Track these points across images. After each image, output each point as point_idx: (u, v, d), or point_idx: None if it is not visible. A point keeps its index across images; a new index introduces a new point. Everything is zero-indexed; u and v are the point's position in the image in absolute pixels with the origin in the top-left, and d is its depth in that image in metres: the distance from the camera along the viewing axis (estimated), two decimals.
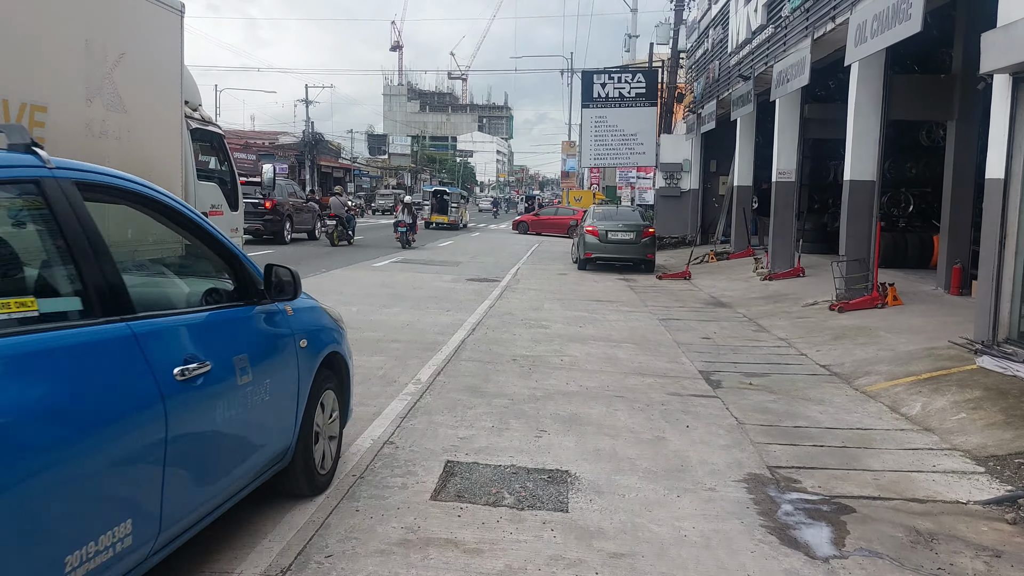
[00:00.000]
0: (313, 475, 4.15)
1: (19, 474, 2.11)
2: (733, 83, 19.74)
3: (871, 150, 11.96)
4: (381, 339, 9.00)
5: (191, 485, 2.98)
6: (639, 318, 11.62)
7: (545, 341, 9.33)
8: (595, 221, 19.16)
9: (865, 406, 6.76)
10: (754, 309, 12.69)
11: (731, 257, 20.32)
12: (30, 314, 2.39)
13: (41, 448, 2.20)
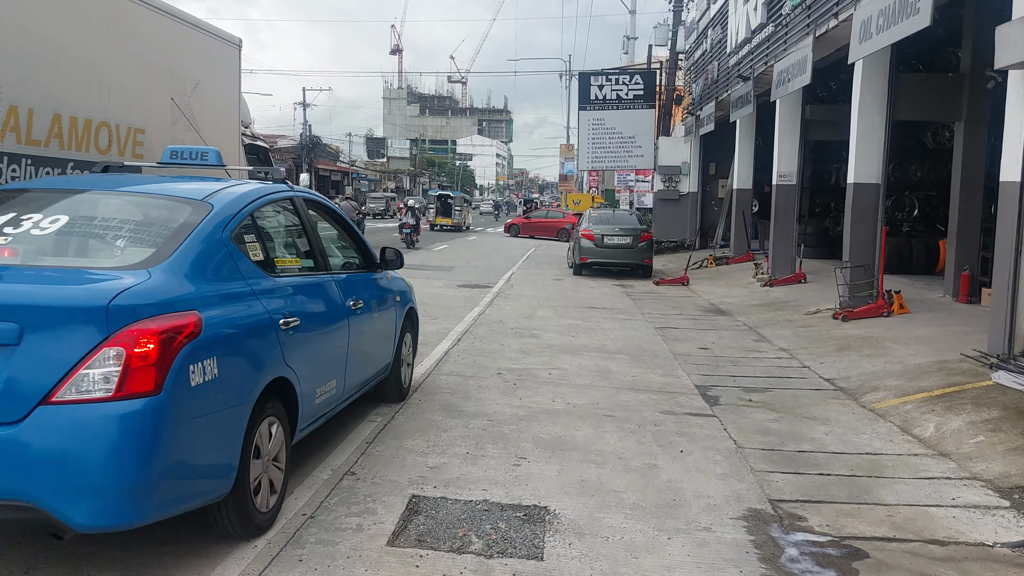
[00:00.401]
0: (401, 387, 6.42)
1: (303, 344, 4.22)
2: (732, 84, 19.27)
3: (876, 152, 11.48)
4: None
5: (356, 369, 5.19)
6: (635, 327, 11.13)
7: (535, 352, 8.84)
8: (591, 225, 18.67)
9: (874, 426, 6.27)
10: (754, 317, 12.20)
11: (730, 262, 19.84)
12: (296, 267, 4.69)
13: (306, 332, 4.25)
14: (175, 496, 3.24)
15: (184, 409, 3.18)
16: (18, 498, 2.93)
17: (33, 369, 2.98)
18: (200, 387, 3.25)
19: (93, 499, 2.97)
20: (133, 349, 3.02)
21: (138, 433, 3.01)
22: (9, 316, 3.00)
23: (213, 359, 3.34)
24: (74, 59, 6.79)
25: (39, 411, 2.95)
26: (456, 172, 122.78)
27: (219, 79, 9.29)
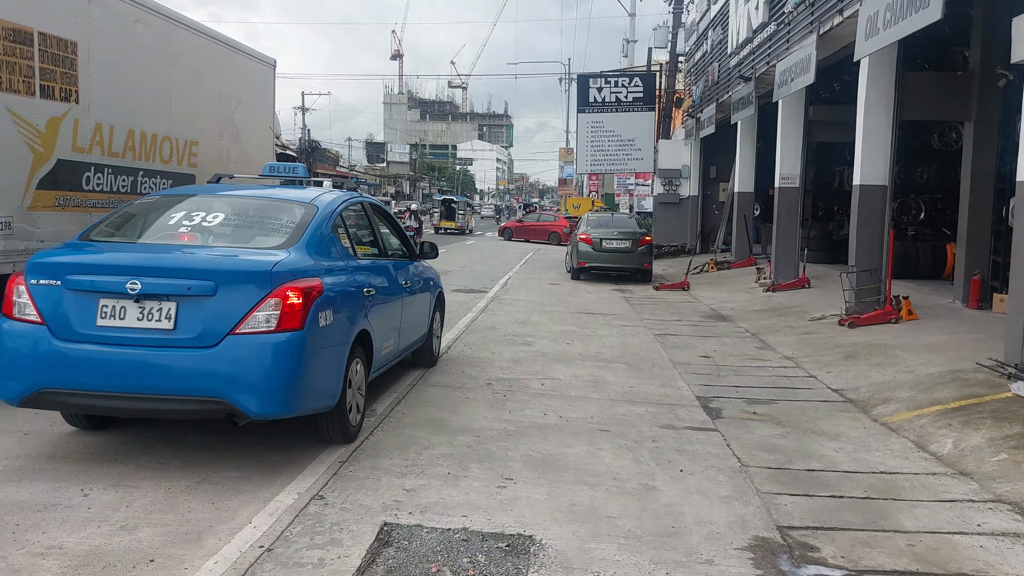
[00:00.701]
0: (432, 355, 7.90)
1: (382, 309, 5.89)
2: (733, 85, 18.89)
3: (882, 152, 11.09)
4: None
5: (405, 334, 6.69)
6: (633, 333, 10.73)
7: (527, 361, 8.44)
8: (589, 229, 18.28)
9: (887, 442, 5.87)
10: (757, 323, 11.79)
11: (732, 266, 19.44)
12: (369, 254, 6.15)
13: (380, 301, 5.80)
14: (307, 400, 4.75)
15: (315, 342, 4.70)
16: (214, 396, 4.44)
17: (223, 311, 4.47)
18: (323, 328, 4.78)
19: (260, 396, 4.48)
20: (286, 300, 4.55)
21: (288, 355, 4.53)
22: (208, 277, 4.52)
23: (329, 311, 4.87)
24: (145, 83, 8.22)
25: (227, 339, 4.45)
26: (456, 177, 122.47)
27: (258, 96, 10.82)
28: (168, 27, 8.64)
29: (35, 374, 4.55)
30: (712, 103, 21.41)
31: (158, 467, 4.75)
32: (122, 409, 4.67)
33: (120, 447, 5.09)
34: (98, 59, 7.38)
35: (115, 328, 4.50)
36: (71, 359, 4.49)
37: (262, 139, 10.85)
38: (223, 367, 4.44)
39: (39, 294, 4.59)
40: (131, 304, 4.50)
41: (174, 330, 4.48)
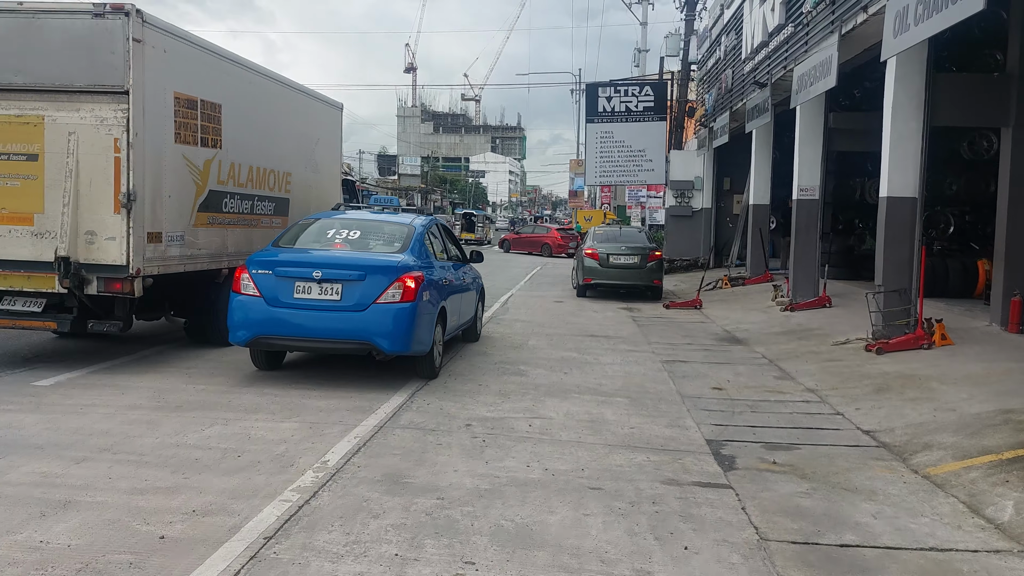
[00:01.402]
0: (477, 334, 10.70)
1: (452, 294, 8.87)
2: (748, 92, 17.98)
3: (912, 161, 10.15)
4: (307, 393, 7.24)
5: (462, 315, 9.55)
6: (639, 360, 9.80)
7: (517, 394, 7.53)
8: (595, 243, 17.37)
9: (934, 503, 4.91)
10: (775, 348, 10.84)
11: (747, 283, 18.46)
12: (443, 256, 9.31)
13: (450, 293, 8.77)
14: (416, 345, 7.52)
15: (421, 310, 7.47)
16: (364, 340, 7.31)
17: (369, 290, 7.29)
18: (425, 302, 7.58)
19: (391, 340, 7.31)
20: (405, 284, 7.35)
21: (407, 316, 7.32)
22: (360, 270, 7.40)
23: (427, 292, 7.66)
24: (257, 128, 10.34)
25: (372, 306, 7.25)
26: (468, 189, 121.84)
27: (329, 134, 12.94)
28: (269, 83, 10.77)
29: (255, 327, 7.47)
30: (726, 111, 20.49)
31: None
32: (308, 348, 7.97)
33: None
34: (230, 114, 9.56)
35: (305, 299, 7.38)
36: (278, 317, 7.39)
37: (333, 170, 13.45)
38: (370, 323, 7.31)
39: (257, 278, 7.49)
40: (315, 284, 7.36)
41: (340, 300, 7.35)
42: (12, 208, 7.81)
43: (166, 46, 8.24)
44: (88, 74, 7.72)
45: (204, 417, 6.25)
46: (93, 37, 7.71)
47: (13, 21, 7.77)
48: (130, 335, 9.29)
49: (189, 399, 6.86)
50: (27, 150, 7.79)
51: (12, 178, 7.81)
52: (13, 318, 7.96)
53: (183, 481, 4.76)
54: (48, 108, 7.77)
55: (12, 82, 7.80)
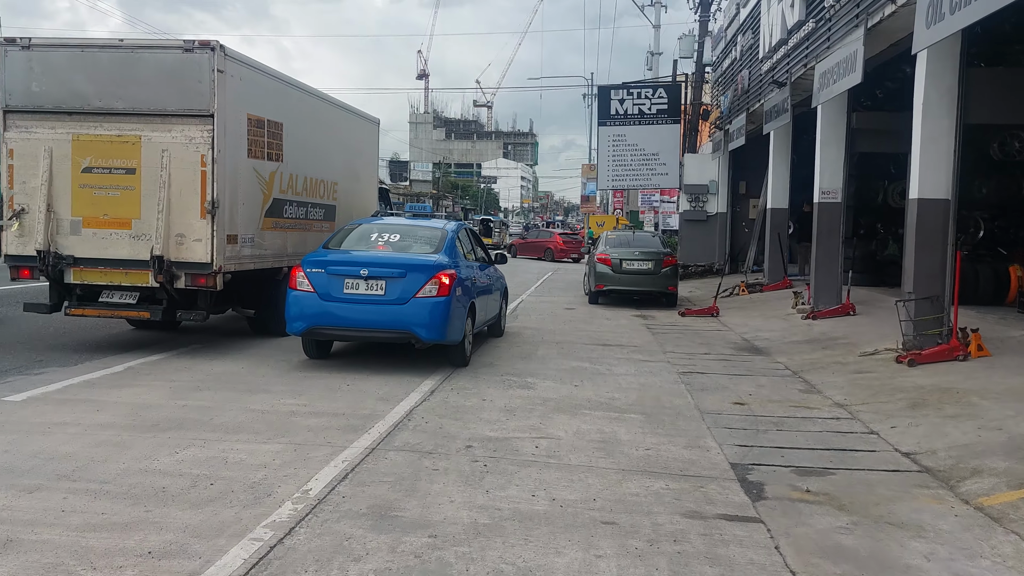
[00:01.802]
0: (501, 329, 11.67)
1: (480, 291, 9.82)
2: (766, 93, 17.40)
3: (944, 161, 9.55)
4: (297, 410, 6.70)
5: (488, 312, 10.49)
6: (654, 371, 9.23)
7: (523, 410, 6.99)
8: (608, 248, 16.80)
9: (993, 542, 4.33)
10: (798, 358, 10.24)
11: (764, 289, 17.84)
12: (471, 257, 10.12)
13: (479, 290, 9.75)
14: (450, 334, 8.44)
15: (455, 303, 8.43)
16: (405, 330, 8.28)
17: (409, 285, 8.25)
18: (458, 296, 8.53)
19: (429, 330, 8.23)
20: (441, 280, 8.29)
21: (443, 309, 8.25)
22: (401, 268, 8.39)
23: (459, 288, 8.60)
24: (310, 142, 11.43)
25: (412, 300, 8.21)
26: (480, 195, 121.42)
27: (369, 147, 14.51)
28: (320, 103, 12.03)
29: (310, 318, 8.36)
30: (742, 113, 19.91)
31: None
32: (355, 337, 8.83)
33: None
34: (290, 131, 10.73)
35: (353, 294, 8.25)
36: (330, 310, 8.28)
37: (371, 179, 15.02)
38: (410, 314, 8.16)
39: (311, 276, 8.38)
40: (362, 281, 8.24)
41: (384, 295, 8.22)
42: (113, 214, 9.10)
43: (241, 74, 9.50)
44: (179, 100, 8.97)
45: (180, 438, 5.73)
46: (184, 69, 8.98)
47: (116, 55, 9.10)
48: (118, 343, 8.81)
49: (168, 416, 6.35)
50: (126, 165, 9.06)
51: (113, 189, 9.09)
52: (112, 309, 9.30)
53: (143, 515, 4.23)
54: (144, 129, 9.02)
55: (114, 107, 9.04)
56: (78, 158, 9.08)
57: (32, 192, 9.11)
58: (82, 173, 9.08)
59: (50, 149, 9.08)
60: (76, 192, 9.10)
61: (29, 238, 9.09)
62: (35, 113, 9.16)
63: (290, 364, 8.81)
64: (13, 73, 9.17)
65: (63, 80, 9.12)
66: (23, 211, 9.15)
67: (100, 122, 9.09)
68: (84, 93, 9.07)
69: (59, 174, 9.10)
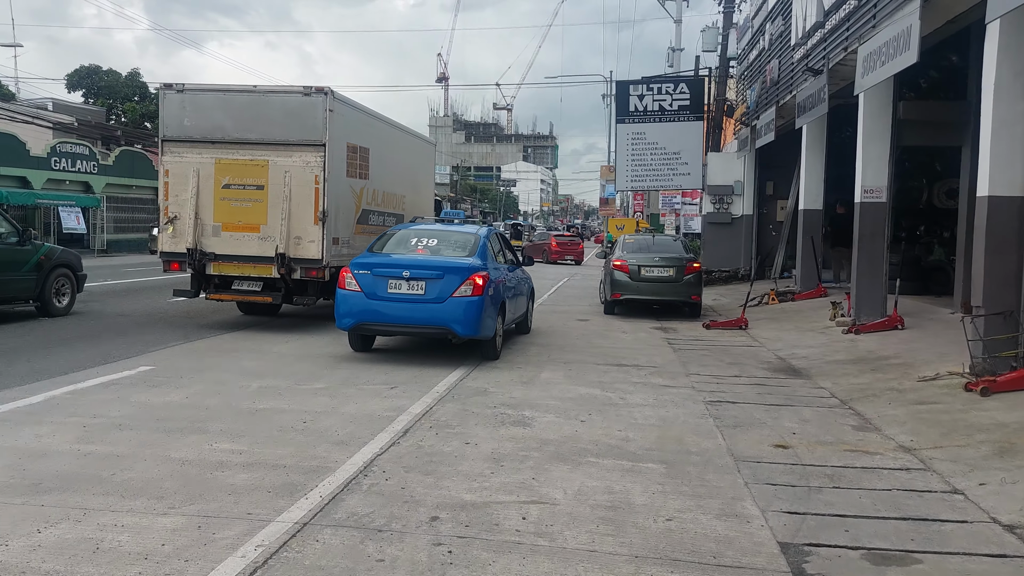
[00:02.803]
0: (528, 327, 12.32)
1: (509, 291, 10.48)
2: (798, 83, 15.94)
3: (1019, 153, 8.08)
4: (228, 460, 5.37)
5: (516, 310, 11.08)
6: (676, 400, 7.84)
7: (514, 458, 5.62)
8: (625, 254, 15.39)
9: None
10: (844, 383, 8.81)
11: (796, 298, 16.36)
12: (501, 259, 10.91)
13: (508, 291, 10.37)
14: (483, 331, 9.20)
15: (487, 303, 9.20)
16: (443, 326, 9.09)
17: (446, 286, 9.04)
18: (490, 296, 9.27)
19: (465, 327, 9.04)
20: (475, 281, 9.07)
21: (477, 307, 9.05)
22: (439, 270, 9.18)
23: (491, 288, 9.33)
24: (386, 162, 13.67)
25: (450, 299, 9.02)
26: (499, 198, 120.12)
27: (427, 164, 17.33)
28: (393, 130, 14.55)
29: (357, 315, 9.27)
30: (771, 107, 18.43)
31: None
32: (398, 332, 9.80)
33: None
34: (374, 155, 12.88)
35: (397, 293, 9.12)
36: (375, 308, 9.17)
37: (428, 191, 17.70)
38: (447, 312, 9.02)
39: (359, 277, 9.28)
40: (404, 282, 9.12)
41: (424, 295, 9.08)
42: (245, 221, 11.41)
43: (343, 111, 11.80)
44: (298, 133, 11.28)
45: (58, 504, 4.41)
46: (303, 109, 11.27)
47: (250, 98, 11.51)
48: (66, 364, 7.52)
49: (59, 470, 5.03)
50: (256, 183, 11.34)
51: (246, 201, 11.39)
52: (242, 294, 11.89)
53: None
54: (271, 155, 11.29)
55: (248, 138, 11.37)
56: (219, 177, 11.44)
57: (183, 203, 11.50)
58: (222, 189, 11.46)
59: (197, 170, 11.44)
60: (217, 203, 11.48)
61: (180, 239, 11.52)
62: (186, 142, 11.55)
63: (248, 391, 7.51)
64: (169, 111, 11.64)
65: (208, 116, 11.49)
66: (175, 218, 11.56)
67: (237, 149, 11.39)
68: (224, 127, 11.44)
69: (204, 189, 11.46)
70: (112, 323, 12.06)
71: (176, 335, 10.98)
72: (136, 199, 40.21)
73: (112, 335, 10.84)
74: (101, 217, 37.08)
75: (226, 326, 12.09)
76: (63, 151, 36.08)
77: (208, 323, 12.36)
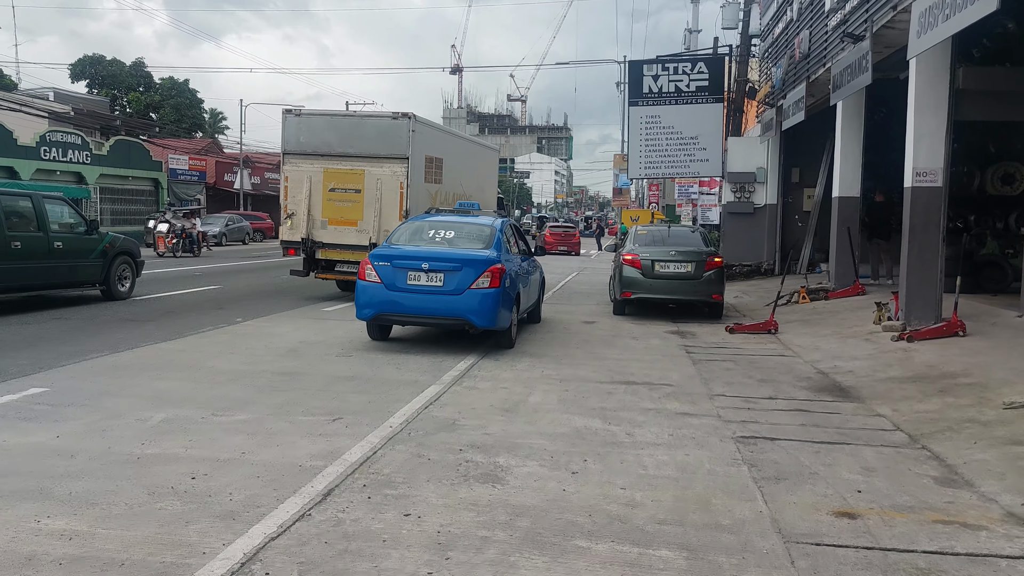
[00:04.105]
0: (538, 318, 12.48)
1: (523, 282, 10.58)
2: (833, 54, 14.12)
3: None
4: (43, 551, 3.70)
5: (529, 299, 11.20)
6: (698, 436, 6.12)
7: (466, 549, 3.93)
8: (637, 247, 13.64)
9: None
10: (906, 408, 7.06)
11: (831, 296, 14.55)
12: (516, 250, 11.06)
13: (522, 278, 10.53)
14: (500, 322, 9.31)
15: (504, 294, 9.29)
16: (461, 317, 9.25)
17: (464, 277, 9.19)
18: (507, 288, 9.37)
19: (482, 318, 9.17)
20: (493, 273, 9.19)
21: (494, 299, 9.16)
22: (457, 262, 9.32)
23: (507, 279, 9.42)
24: (457, 169, 16.62)
25: (467, 291, 9.15)
26: (512, 190, 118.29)
27: (491, 168, 20.80)
28: (462, 141, 18.60)
29: (377, 306, 9.48)
30: (801, 83, 16.57)
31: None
32: (417, 323, 9.85)
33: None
34: (446, 163, 15.82)
35: (416, 284, 9.29)
36: (394, 299, 9.35)
37: (492, 191, 20.70)
38: (465, 303, 9.16)
39: (379, 268, 9.43)
40: (423, 274, 9.28)
41: (442, 286, 9.24)
42: (346, 217, 14.14)
43: (422, 131, 14.40)
44: (388, 148, 13.93)
45: None
46: (391, 129, 13.99)
47: (351, 120, 14.63)
48: None
49: None
50: (355, 187, 14.08)
51: (347, 201, 14.13)
52: (343, 275, 14.35)
53: None
54: (366, 165, 13.98)
55: (349, 152, 14.06)
56: (326, 182, 14.18)
57: (298, 203, 14.25)
58: (328, 192, 14.20)
59: (310, 177, 14.19)
60: (324, 203, 14.23)
61: (296, 231, 14.24)
62: (301, 155, 14.30)
63: (144, 426, 5.85)
64: (289, 130, 14.39)
65: (318, 135, 14.23)
66: (293, 214, 14.29)
67: (340, 161, 14.10)
68: (331, 143, 14.16)
69: (314, 192, 14.21)
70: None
71: (101, 344, 9.39)
72: (132, 190, 38.80)
73: (30, 344, 9.25)
74: (94, 209, 35.64)
75: (179, 331, 10.48)
76: (53, 140, 34.64)
77: (144, 331, 10.76)
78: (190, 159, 45.29)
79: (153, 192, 40.48)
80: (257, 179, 52.06)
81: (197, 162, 46.10)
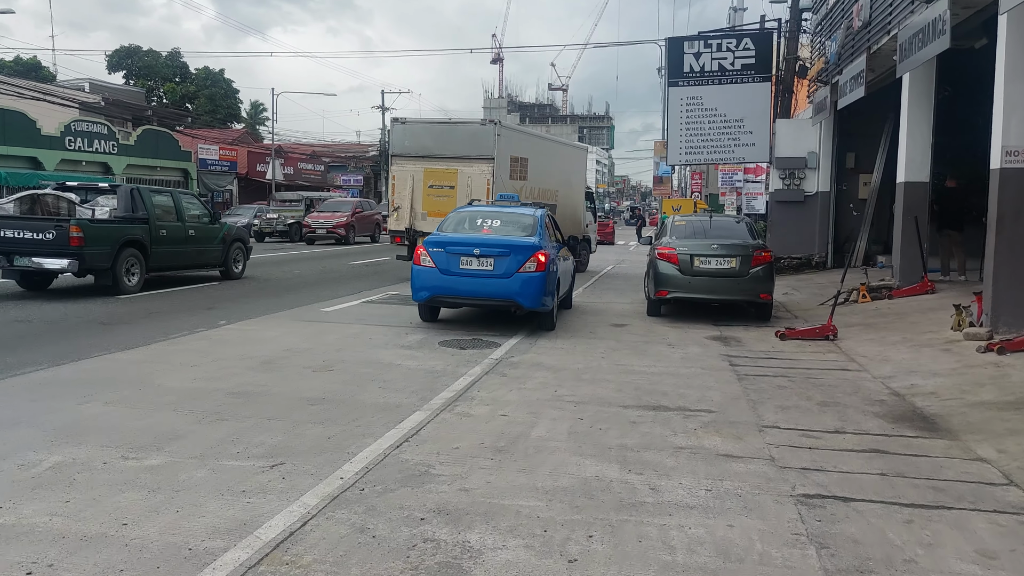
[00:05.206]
0: (570, 302, 12.87)
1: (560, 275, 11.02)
2: (900, 18, 12.38)
3: None
4: None
5: (565, 284, 11.75)
6: (744, 492, 4.64)
7: None
8: (674, 240, 12.10)
9: None
10: (1015, 448, 5.49)
11: (895, 294, 12.84)
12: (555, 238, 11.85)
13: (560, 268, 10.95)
14: (544, 303, 10.02)
15: (548, 278, 10.01)
16: (510, 299, 9.93)
17: (513, 262, 9.85)
18: (551, 272, 10.14)
19: (529, 300, 9.87)
20: (539, 258, 9.87)
21: (540, 282, 9.86)
22: (506, 248, 9.96)
23: (551, 264, 10.15)
24: (543, 167, 18.49)
25: (516, 275, 9.82)
26: None
27: (579, 165, 22.68)
28: (548, 142, 21.22)
29: (432, 289, 10.12)
30: (860, 55, 14.78)
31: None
32: (469, 304, 10.63)
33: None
34: (532, 161, 17.74)
35: (468, 268, 9.92)
36: (448, 282, 10.00)
37: (580, 186, 22.39)
38: (514, 286, 9.78)
39: (433, 254, 10.06)
40: (474, 259, 9.91)
41: (493, 270, 9.86)
42: (443, 210, 14.63)
43: (506, 134, 16.53)
44: (477, 150, 16.01)
45: None
46: (479, 133, 16.21)
47: (446, 127, 17.14)
48: None
49: None
50: (449, 184, 16.14)
51: (443, 196, 16.07)
52: None
53: None
54: (459, 165, 16.08)
55: (444, 154, 16.21)
56: (426, 180, 16.23)
57: (403, 198, 16.39)
58: (428, 188, 16.26)
59: (412, 175, 16.33)
60: (425, 198, 16.28)
61: (401, 222, 16.38)
62: (405, 157, 16.46)
63: (25, 474, 4.55)
64: (396, 136, 16.76)
65: (419, 139, 16.39)
66: (399, 208, 16.41)
67: (437, 162, 16.12)
68: (429, 147, 16.28)
69: (416, 188, 16.30)
70: None
71: (57, 353, 8.17)
72: (161, 180, 38.01)
73: None
74: None
75: (150, 336, 9.25)
76: (78, 130, 34.05)
77: (129, 334, 9.54)
78: (220, 149, 44.57)
79: (182, 182, 39.75)
80: (290, 169, 51.26)
81: (228, 152, 45.37)
